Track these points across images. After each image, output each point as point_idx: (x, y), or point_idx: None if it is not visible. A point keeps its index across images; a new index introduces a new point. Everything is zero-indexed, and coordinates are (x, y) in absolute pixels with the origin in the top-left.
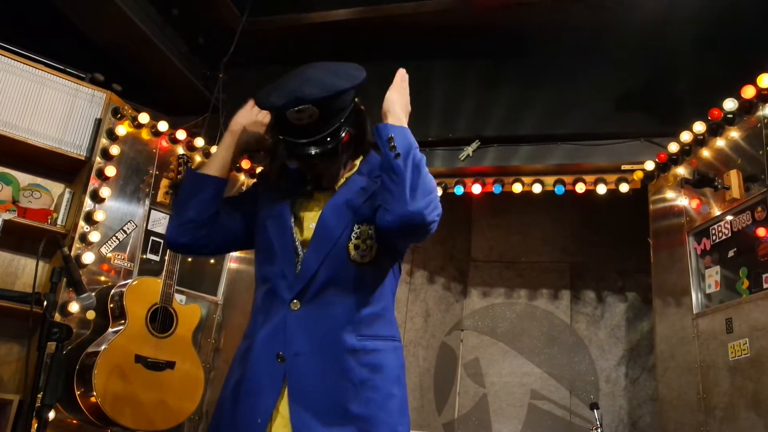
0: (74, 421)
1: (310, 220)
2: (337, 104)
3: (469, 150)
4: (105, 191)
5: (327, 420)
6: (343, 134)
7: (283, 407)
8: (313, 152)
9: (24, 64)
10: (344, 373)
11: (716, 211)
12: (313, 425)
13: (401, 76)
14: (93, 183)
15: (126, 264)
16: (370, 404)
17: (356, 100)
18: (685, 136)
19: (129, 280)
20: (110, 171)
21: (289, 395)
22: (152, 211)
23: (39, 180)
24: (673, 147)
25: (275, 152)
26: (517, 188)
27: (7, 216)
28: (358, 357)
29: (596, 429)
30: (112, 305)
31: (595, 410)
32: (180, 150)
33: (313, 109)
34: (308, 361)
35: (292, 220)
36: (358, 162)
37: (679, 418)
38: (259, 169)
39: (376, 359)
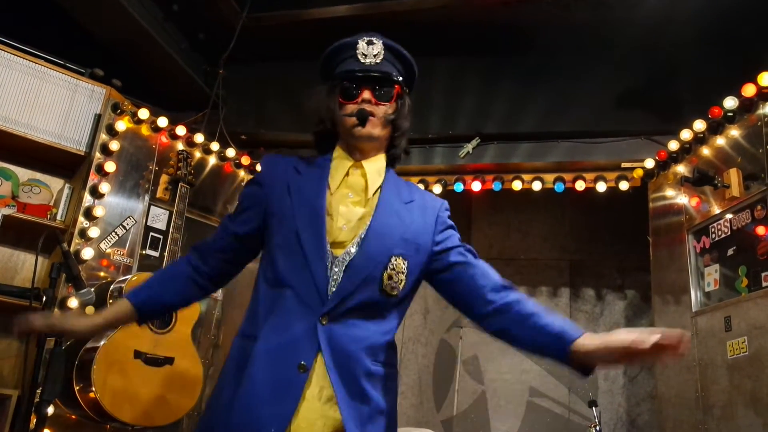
0: (73, 417)
1: (344, 219)
2: (398, 63)
3: (469, 147)
4: (104, 187)
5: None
6: (398, 82)
7: (303, 414)
8: (370, 75)
9: (23, 59)
10: (361, 394)
11: (716, 210)
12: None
13: None
14: (92, 178)
15: (125, 259)
16: (381, 427)
17: (407, 91)
18: (685, 134)
19: (128, 276)
20: (110, 166)
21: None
22: (152, 206)
23: (38, 175)
24: (673, 145)
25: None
26: (516, 186)
27: (7, 211)
28: (372, 381)
29: (595, 427)
30: (111, 301)
31: (593, 408)
32: (180, 146)
33: (381, 46)
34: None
35: (325, 214)
36: (382, 162)
37: (677, 415)
38: (259, 166)
39: (386, 385)
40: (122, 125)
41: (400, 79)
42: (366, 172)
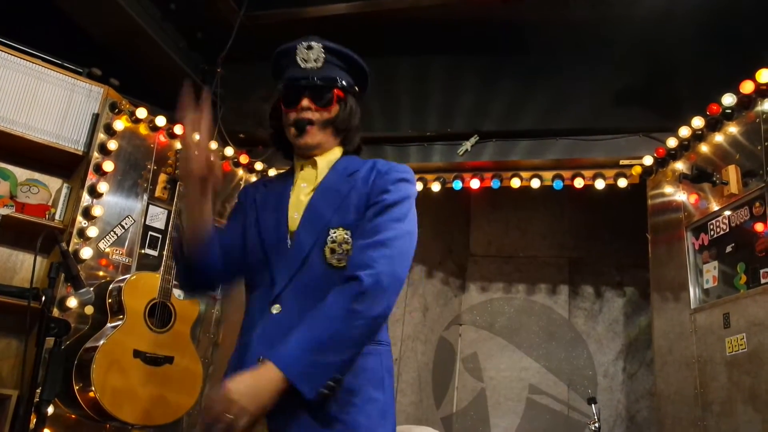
0: (73, 416)
1: (294, 208)
2: (340, 64)
3: (467, 145)
4: (103, 186)
5: (306, 423)
6: (339, 86)
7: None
8: (307, 82)
9: (21, 58)
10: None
11: (714, 207)
12: (292, 428)
13: None
14: (91, 178)
15: (124, 259)
16: (350, 408)
17: (356, 89)
18: (684, 132)
19: (127, 275)
20: (108, 166)
21: None
22: (150, 206)
23: (36, 175)
24: (672, 142)
25: (273, 121)
26: (515, 183)
27: (5, 211)
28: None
29: (594, 423)
30: (110, 300)
31: (592, 405)
32: (178, 145)
33: (320, 49)
34: None
35: (287, 210)
36: (335, 154)
37: (676, 412)
38: (257, 164)
39: (357, 363)
40: (120, 124)
41: (343, 83)
42: (317, 163)
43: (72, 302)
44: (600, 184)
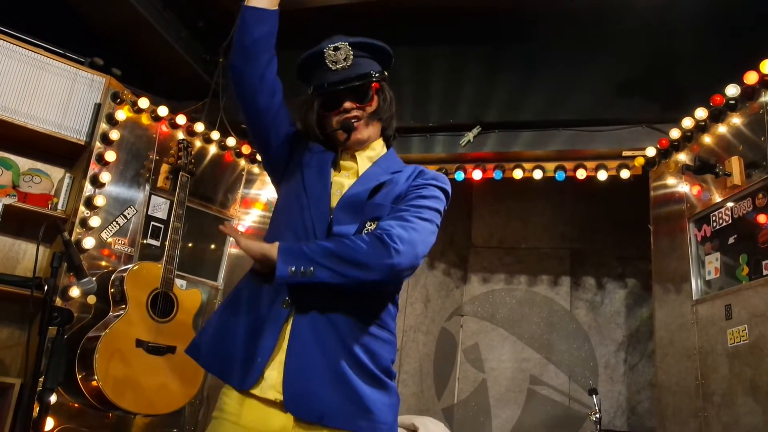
0: (76, 405)
1: (337, 185)
2: (367, 55)
3: (470, 136)
4: (105, 176)
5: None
6: (374, 78)
7: (282, 352)
8: (346, 86)
9: (23, 48)
10: (342, 340)
11: (717, 198)
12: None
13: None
14: (93, 168)
15: (126, 249)
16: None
17: (386, 73)
18: (687, 123)
19: (130, 265)
20: (110, 156)
21: (290, 343)
22: (152, 196)
23: (39, 165)
24: (675, 133)
25: (309, 118)
26: (517, 174)
27: (8, 201)
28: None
29: (595, 414)
30: (112, 290)
31: (593, 396)
32: (180, 135)
33: (347, 48)
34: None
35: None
36: (379, 145)
37: (677, 403)
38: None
39: (373, 347)
40: (122, 114)
41: (376, 75)
42: (357, 159)
43: (74, 292)
44: (602, 176)
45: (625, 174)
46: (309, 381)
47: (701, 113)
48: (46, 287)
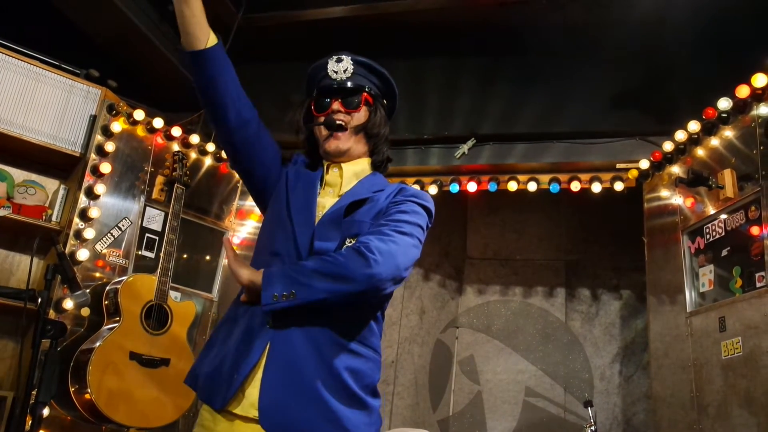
0: (68, 418)
1: (321, 207)
2: (370, 76)
3: (464, 148)
4: (100, 188)
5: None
6: (366, 91)
7: (261, 369)
8: (338, 84)
9: (19, 59)
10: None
11: (710, 210)
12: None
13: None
14: (88, 179)
15: (121, 261)
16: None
17: (385, 102)
18: (680, 135)
19: (124, 277)
20: (105, 167)
21: (268, 360)
22: (147, 207)
23: (34, 176)
24: (668, 146)
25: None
26: (512, 186)
27: (2, 212)
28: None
29: (590, 426)
30: (106, 302)
31: (589, 408)
32: (175, 147)
33: (349, 62)
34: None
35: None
36: (363, 164)
37: (672, 415)
38: None
39: (356, 366)
40: (118, 126)
41: (371, 90)
42: (343, 173)
43: (68, 304)
44: (596, 188)
45: (619, 186)
46: (284, 396)
47: (694, 126)
48: (39, 299)
